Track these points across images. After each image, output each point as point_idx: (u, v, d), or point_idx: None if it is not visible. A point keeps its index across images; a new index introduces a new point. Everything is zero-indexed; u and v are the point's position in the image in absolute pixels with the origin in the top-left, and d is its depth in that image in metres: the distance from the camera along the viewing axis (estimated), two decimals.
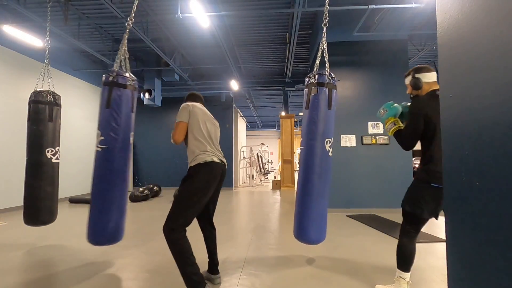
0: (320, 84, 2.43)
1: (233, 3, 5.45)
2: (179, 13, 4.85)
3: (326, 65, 2.54)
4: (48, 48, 3.52)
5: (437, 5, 0.98)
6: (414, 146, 1.92)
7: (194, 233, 2.21)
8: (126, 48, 2.46)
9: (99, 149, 2.25)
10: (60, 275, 2.49)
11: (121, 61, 2.44)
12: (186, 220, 1.95)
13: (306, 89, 2.50)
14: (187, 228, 1.98)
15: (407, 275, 1.92)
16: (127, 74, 2.40)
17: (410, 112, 1.86)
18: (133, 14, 2.55)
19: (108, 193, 2.26)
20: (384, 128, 2.16)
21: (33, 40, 5.44)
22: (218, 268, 2.34)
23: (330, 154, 2.39)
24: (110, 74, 2.32)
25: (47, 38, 3.57)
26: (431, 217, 1.86)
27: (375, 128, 5.41)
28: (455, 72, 0.91)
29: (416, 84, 1.95)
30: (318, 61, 2.50)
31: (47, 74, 3.42)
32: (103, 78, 2.35)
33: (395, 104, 2.14)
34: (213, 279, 2.30)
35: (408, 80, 2.03)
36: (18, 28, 5.21)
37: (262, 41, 7.36)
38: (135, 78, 2.47)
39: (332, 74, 2.48)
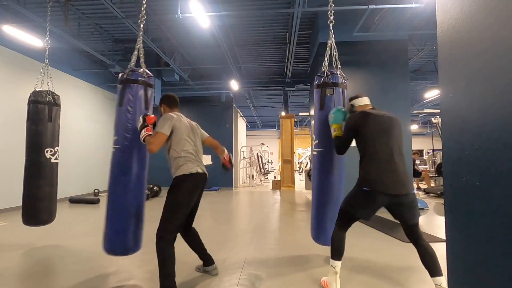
0: (335, 84, 2.44)
1: (233, 3, 5.45)
2: (179, 13, 4.85)
3: (338, 64, 2.55)
4: (48, 48, 3.52)
5: (437, 5, 0.98)
6: (344, 153, 2.29)
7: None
8: (141, 45, 2.47)
9: (113, 149, 2.30)
10: (59, 275, 2.49)
11: (137, 58, 2.43)
12: (173, 228, 2.08)
13: (318, 89, 2.47)
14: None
15: (337, 264, 2.11)
16: (141, 70, 2.34)
17: (344, 126, 2.21)
18: (143, 12, 2.69)
19: (121, 198, 2.21)
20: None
21: (33, 40, 5.44)
22: (214, 262, 2.45)
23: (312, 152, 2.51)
24: (124, 71, 2.32)
25: (47, 38, 3.57)
26: (361, 218, 2.12)
27: None
28: (455, 72, 0.91)
29: (350, 110, 2.32)
30: (326, 60, 2.54)
31: (47, 74, 3.42)
32: (119, 77, 2.36)
33: (342, 109, 2.38)
34: (209, 270, 2.41)
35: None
36: (18, 28, 5.21)
37: (262, 41, 7.36)
38: (150, 74, 2.40)
39: (343, 74, 2.51)
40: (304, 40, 7.22)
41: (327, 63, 2.57)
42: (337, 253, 2.12)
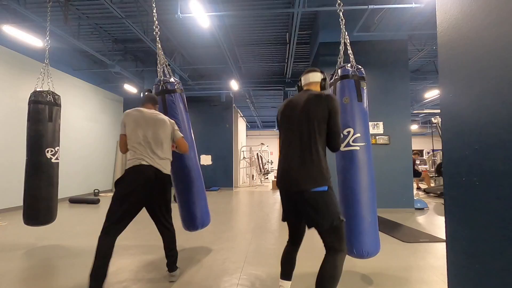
0: (363, 78, 2.38)
1: (233, 3, 5.45)
2: (179, 13, 4.85)
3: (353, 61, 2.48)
4: (48, 48, 3.52)
5: (437, 5, 0.98)
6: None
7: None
8: (163, 56, 2.81)
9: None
10: (59, 275, 2.49)
11: (163, 69, 2.83)
12: (108, 223, 1.98)
13: (351, 80, 2.32)
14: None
15: (281, 282, 1.90)
16: (172, 80, 2.75)
17: (336, 111, 1.69)
18: (155, 18, 3.15)
19: (188, 190, 2.73)
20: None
21: (33, 40, 5.44)
22: (175, 270, 2.35)
23: (342, 149, 2.24)
24: (158, 83, 2.69)
25: (47, 38, 3.57)
26: (284, 220, 1.87)
27: (375, 128, 5.41)
28: (455, 72, 0.91)
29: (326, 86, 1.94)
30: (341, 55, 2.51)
31: (47, 74, 3.42)
32: (153, 90, 2.73)
33: None
34: (167, 276, 2.36)
35: (318, 77, 1.90)
36: (18, 28, 5.21)
37: (262, 41, 7.35)
38: (179, 81, 2.84)
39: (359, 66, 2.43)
40: (304, 40, 7.22)
41: (341, 58, 2.54)
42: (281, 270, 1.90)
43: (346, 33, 2.51)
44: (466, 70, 0.85)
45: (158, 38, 2.90)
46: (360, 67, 2.44)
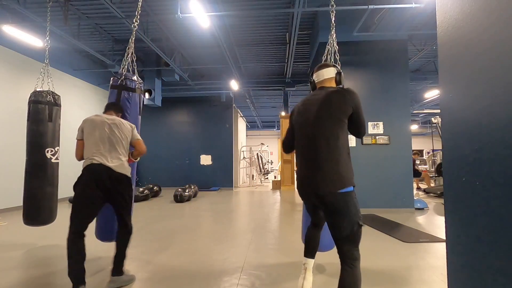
0: None
1: (233, 3, 5.45)
2: (179, 13, 4.85)
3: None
4: (48, 48, 3.52)
5: (437, 5, 0.98)
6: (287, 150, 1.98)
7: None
8: (133, 51, 2.63)
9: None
10: (60, 275, 2.49)
11: (128, 64, 2.67)
12: (72, 224, 2.08)
13: None
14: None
15: (305, 260, 2.04)
16: (134, 78, 2.57)
17: (359, 105, 1.65)
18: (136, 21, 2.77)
19: None
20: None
21: (33, 40, 5.44)
22: (118, 275, 2.24)
23: None
24: (117, 77, 2.50)
25: (47, 38, 3.57)
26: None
27: (375, 128, 5.41)
28: (455, 72, 0.91)
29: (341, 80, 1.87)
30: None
31: (47, 74, 3.42)
32: (111, 81, 2.53)
33: None
34: (109, 281, 2.22)
35: (332, 72, 1.84)
36: (18, 28, 5.21)
37: (262, 41, 7.35)
38: (141, 80, 2.62)
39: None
40: (304, 40, 7.22)
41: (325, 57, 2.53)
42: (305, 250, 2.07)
43: (335, 35, 2.51)
44: (466, 70, 0.85)
45: (135, 25, 2.89)
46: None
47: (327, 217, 1.61)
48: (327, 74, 1.83)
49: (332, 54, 2.51)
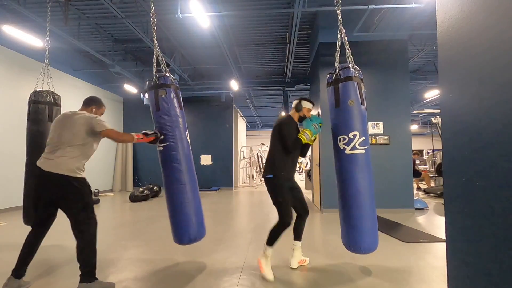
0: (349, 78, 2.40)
1: (233, 3, 5.45)
2: (179, 13, 4.85)
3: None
4: (48, 48, 3.52)
5: (437, 5, 0.98)
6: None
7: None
8: (158, 49, 2.70)
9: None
10: (60, 275, 2.49)
11: (157, 63, 2.70)
12: (33, 223, 2.23)
13: (356, 83, 2.36)
14: None
15: (294, 242, 2.66)
16: (167, 74, 2.61)
17: (277, 131, 2.56)
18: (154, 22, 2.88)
19: (179, 194, 2.44)
20: (312, 136, 2.48)
21: (33, 40, 5.44)
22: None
23: (347, 152, 2.31)
24: (153, 78, 2.57)
25: (47, 38, 3.56)
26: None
27: (375, 128, 5.41)
28: (455, 72, 0.91)
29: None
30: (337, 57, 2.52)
31: (47, 74, 3.41)
32: (146, 84, 2.62)
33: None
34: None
35: (293, 105, 2.67)
36: (18, 28, 5.20)
37: (262, 41, 7.35)
38: (174, 77, 2.69)
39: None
40: (304, 40, 7.22)
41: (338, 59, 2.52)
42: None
43: (344, 32, 2.48)
44: (466, 70, 0.85)
45: (154, 29, 2.92)
46: (359, 69, 2.44)
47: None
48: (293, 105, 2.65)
49: (342, 56, 2.48)
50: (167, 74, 2.62)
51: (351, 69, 2.37)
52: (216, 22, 5.57)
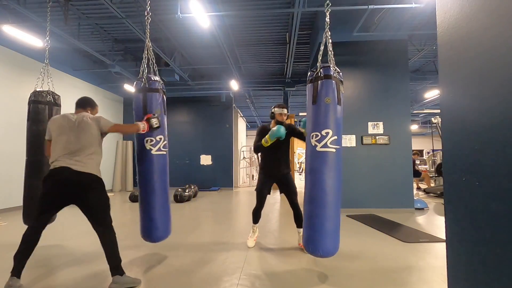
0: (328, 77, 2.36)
1: (233, 3, 5.45)
2: (179, 13, 4.85)
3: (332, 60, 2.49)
4: (48, 48, 3.52)
5: (437, 5, 0.98)
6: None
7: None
8: (151, 49, 2.77)
9: (163, 152, 2.68)
10: (59, 275, 2.49)
11: (145, 65, 2.75)
12: (35, 215, 2.27)
13: (334, 82, 2.34)
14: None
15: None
16: (156, 78, 2.69)
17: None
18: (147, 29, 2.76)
19: (156, 195, 2.59)
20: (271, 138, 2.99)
21: (33, 40, 5.44)
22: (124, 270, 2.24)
23: (318, 149, 2.29)
24: (141, 80, 2.63)
25: (47, 38, 3.56)
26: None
27: (375, 128, 5.41)
28: (455, 72, 0.91)
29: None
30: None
31: (47, 74, 3.41)
32: (135, 85, 2.68)
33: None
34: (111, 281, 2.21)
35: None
36: (18, 28, 5.20)
37: (262, 41, 7.35)
38: (162, 81, 2.78)
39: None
40: (304, 40, 7.22)
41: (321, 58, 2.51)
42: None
43: (329, 33, 2.48)
44: (466, 70, 0.85)
45: (147, 28, 2.82)
46: (339, 70, 2.43)
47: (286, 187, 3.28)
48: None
49: (324, 56, 2.47)
50: (157, 78, 2.69)
51: (331, 68, 2.37)
52: (216, 22, 5.57)
